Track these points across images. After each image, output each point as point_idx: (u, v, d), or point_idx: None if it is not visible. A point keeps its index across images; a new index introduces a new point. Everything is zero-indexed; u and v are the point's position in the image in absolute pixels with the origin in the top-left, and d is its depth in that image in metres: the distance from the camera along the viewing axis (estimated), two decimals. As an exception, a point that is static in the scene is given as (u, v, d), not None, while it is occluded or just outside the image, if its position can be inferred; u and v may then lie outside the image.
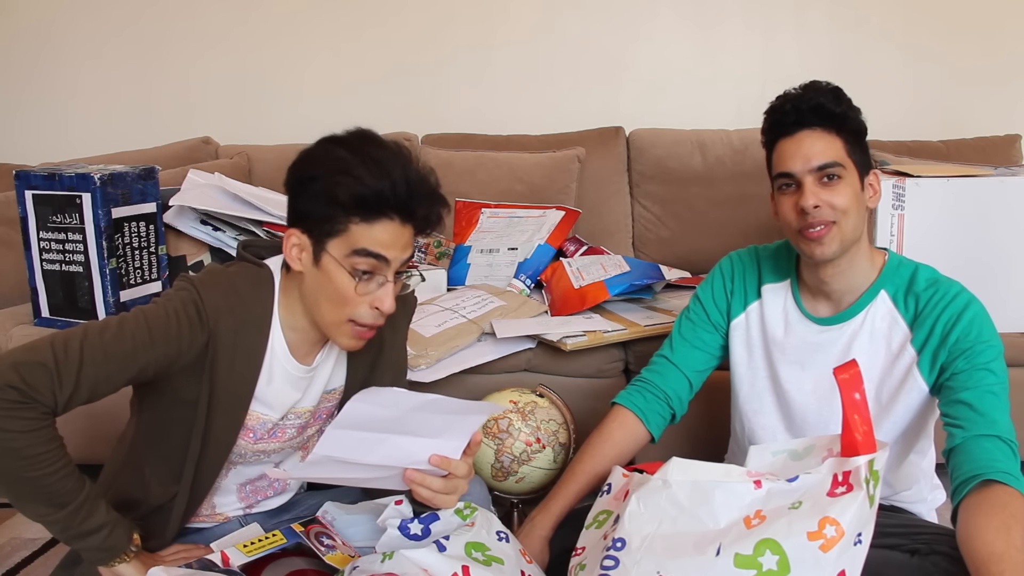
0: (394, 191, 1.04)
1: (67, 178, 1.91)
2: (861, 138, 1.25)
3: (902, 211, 1.89)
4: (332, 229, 1.06)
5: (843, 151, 1.22)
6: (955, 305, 1.21)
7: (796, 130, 1.23)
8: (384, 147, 1.07)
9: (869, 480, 0.95)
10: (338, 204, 1.04)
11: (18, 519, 1.93)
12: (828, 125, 1.22)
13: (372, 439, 1.04)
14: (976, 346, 1.18)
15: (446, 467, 1.06)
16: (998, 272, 1.92)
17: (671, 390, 1.43)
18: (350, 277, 1.06)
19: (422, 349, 1.81)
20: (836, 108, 1.22)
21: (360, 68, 2.88)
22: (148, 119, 2.92)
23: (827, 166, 1.21)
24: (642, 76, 2.88)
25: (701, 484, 1.01)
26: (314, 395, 1.24)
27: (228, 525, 1.28)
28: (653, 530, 1.01)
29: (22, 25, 2.93)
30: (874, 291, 1.28)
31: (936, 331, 1.21)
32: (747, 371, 1.41)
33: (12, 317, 2.13)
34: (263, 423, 1.18)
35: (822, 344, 1.31)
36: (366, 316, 1.09)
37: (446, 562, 1.06)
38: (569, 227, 2.35)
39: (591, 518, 1.16)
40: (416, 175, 1.07)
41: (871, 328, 1.27)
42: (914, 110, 2.81)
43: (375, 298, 1.08)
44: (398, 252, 1.07)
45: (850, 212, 1.21)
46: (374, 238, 1.05)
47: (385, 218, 1.05)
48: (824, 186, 1.21)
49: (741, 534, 0.95)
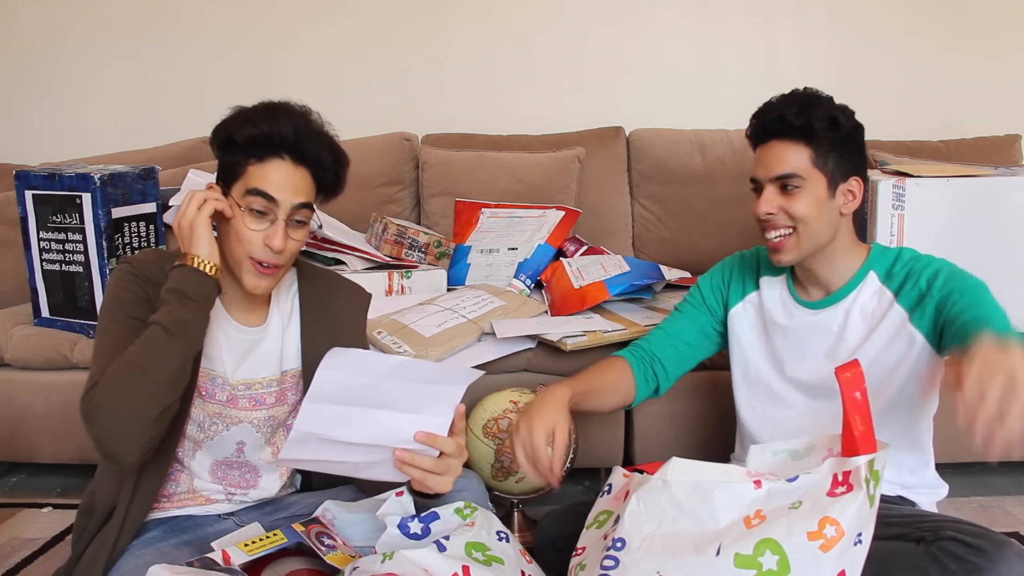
0: (280, 132, 1.16)
1: (67, 178, 1.91)
2: (842, 145, 1.30)
3: (902, 211, 1.89)
4: (235, 173, 1.18)
5: (808, 161, 1.29)
6: (935, 264, 1.31)
7: (767, 139, 1.32)
8: (284, 104, 1.21)
9: (869, 480, 0.95)
10: (237, 148, 1.17)
11: (18, 519, 1.94)
12: (795, 136, 1.28)
13: (351, 414, 1.05)
14: (965, 282, 1.27)
15: (433, 444, 1.10)
16: (998, 272, 1.89)
17: (659, 354, 1.49)
18: (246, 215, 1.17)
19: (422, 349, 1.81)
20: (796, 121, 1.27)
21: (360, 68, 2.88)
22: (148, 119, 2.92)
23: (784, 176, 1.29)
24: (642, 76, 2.88)
25: (701, 484, 1.02)
26: (264, 365, 1.28)
27: (225, 524, 1.28)
28: (653, 530, 1.01)
29: (22, 25, 2.93)
30: (863, 273, 1.35)
31: (920, 286, 1.29)
32: (749, 356, 1.47)
33: (12, 317, 2.13)
34: (213, 379, 1.24)
35: (817, 325, 1.38)
36: (260, 252, 1.17)
37: (446, 562, 1.06)
38: (569, 227, 2.35)
39: (591, 518, 1.17)
40: (306, 121, 1.20)
41: (861, 306, 1.34)
42: (914, 110, 2.81)
43: (267, 234, 1.17)
44: (288, 194, 1.17)
45: (809, 220, 1.29)
46: (265, 177, 1.16)
47: (276, 157, 1.17)
48: (784, 194, 1.30)
49: (741, 534, 0.96)
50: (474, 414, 1.71)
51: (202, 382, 1.23)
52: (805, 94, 1.31)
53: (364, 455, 1.10)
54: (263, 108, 1.19)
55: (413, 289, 2.17)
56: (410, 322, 1.92)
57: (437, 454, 1.12)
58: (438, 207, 2.53)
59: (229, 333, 1.26)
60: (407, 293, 2.16)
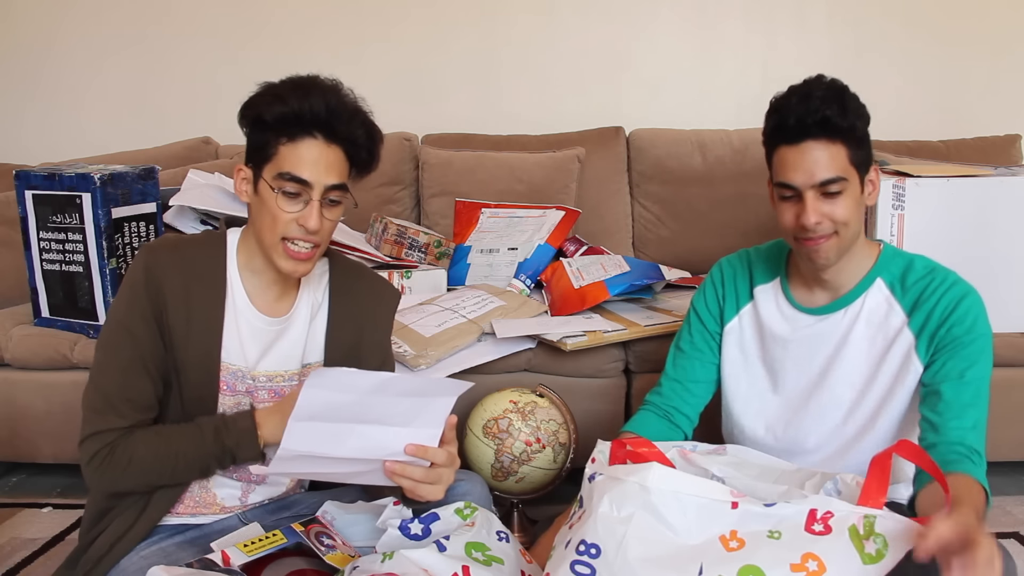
0: (312, 109, 1.12)
1: (67, 178, 1.91)
2: (865, 138, 1.23)
3: (902, 211, 1.89)
4: (266, 154, 1.14)
5: (846, 161, 1.19)
6: (954, 291, 1.22)
7: (800, 139, 1.19)
8: (313, 78, 1.18)
9: (865, 538, 0.92)
10: (267, 127, 1.13)
11: (18, 519, 1.94)
12: (834, 136, 1.18)
13: (339, 430, 1.03)
14: (969, 335, 1.20)
15: (423, 455, 1.08)
16: (998, 272, 1.92)
17: (673, 407, 1.42)
18: (279, 197, 1.14)
19: (422, 349, 1.81)
20: (843, 122, 1.17)
21: (360, 68, 2.87)
22: (148, 119, 2.92)
23: (830, 181, 1.18)
24: (642, 76, 2.88)
25: (681, 496, 0.99)
26: (285, 357, 1.25)
27: (228, 522, 1.28)
28: (624, 532, 0.97)
29: (23, 26, 2.93)
30: (870, 279, 1.28)
31: (935, 315, 1.22)
32: (743, 373, 1.40)
33: (12, 317, 2.13)
34: (233, 373, 1.22)
35: (821, 334, 1.31)
36: (294, 231, 1.15)
37: (446, 562, 1.06)
38: (569, 227, 2.35)
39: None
40: (337, 97, 1.16)
41: (868, 315, 1.27)
42: (914, 110, 2.81)
43: (301, 215, 1.14)
44: (321, 175, 1.14)
45: (851, 223, 1.21)
46: (299, 158, 1.13)
47: (309, 136, 1.13)
48: (826, 199, 1.19)
49: (721, 556, 0.93)
50: (474, 414, 1.71)
51: (224, 376, 1.21)
52: (835, 87, 1.20)
53: (354, 468, 1.09)
54: (292, 84, 1.15)
55: (413, 289, 2.17)
56: (410, 322, 1.92)
57: (428, 465, 1.10)
58: (438, 207, 2.53)
59: (254, 324, 1.23)
60: (407, 293, 2.16)
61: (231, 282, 1.21)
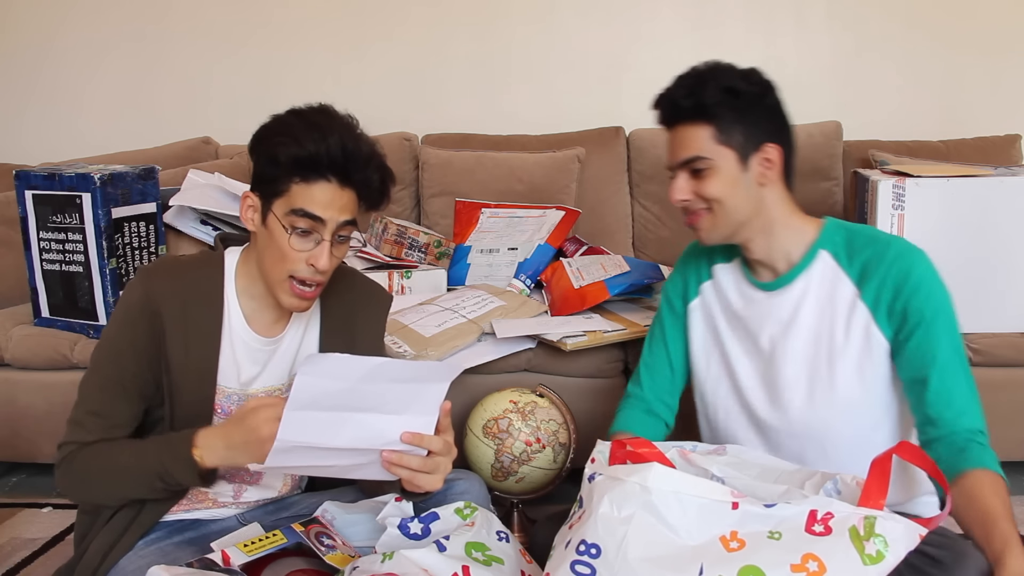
0: (328, 153, 1.10)
1: (67, 178, 1.91)
2: (749, 114, 1.22)
3: (902, 211, 1.89)
4: (277, 189, 1.13)
5: (711, 140, 1.22)
6: (903, 260, 1.21)
7: (672, 124, 1.27)
8: (330, 116, 1.14)
9: (865, 539, 0.92)
10: (280, 165, 1.11)
11: (18, 519, 1.94)
12: (692, 118, 1.23)
13: (334, 419, 1.03)
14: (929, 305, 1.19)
15: (419, 443, 1.08)
16: (998, 272, 1.92)
17: (652, 396, 1.43)
18: (291, 236, 1.12)
19: (422, 349, 1.81)
20: (686, 103, 1.22)
21: (360, 68, 2.88)
22: (148, 119, 2.92)
23: (689, 160, 1.24)
24: (642, 76, 2.85)
25: (680, 495, 0.99)
26: (279, 373, 1.25)
27: (228, 522, 1.28)
28: (624, 532, 0.97)
29: (23, 26, 2.94)
30: (812, 252, 1.27)
31: (887, 285, 1.21)
32: (703, 353, 1.40)
33: (12, 317, 2.13)
34: (228, 396, 1.22)
35: (771, 310, 1.30)
36: (303, 271, 1.14)
37: (446, 562, 1.06)
38: (569, 227, 2.35)
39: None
40: (354, 142, 1.13)
41: (816, 290, 1.27)
42: (914, 110, 2.81)
43: (311, 255, 1.13)
44: (335, 213, 1.13)
45: (724, 199, 1.23)
46: (312, 198, 1.11)
47: (323, 179, 1.12)
48: (695, 178, 1.24)
49: (721, 556, 0.93)
50: (474, 414, 1.71)
51: (217, 401, 1.21)
52: (696, 72, 1.25)
53: (351, 459, 1.09)
54: (308, 124, 1.12)
55: (413, 289, 2.17)
56: (410, 322, 1.92)
57: (425, 453, 1.10)
58: (438, 207, 2.53)
59: (250, 345, 1.23)
60: (407, 293, 2.16)
61: (228, 305, 1.21)
